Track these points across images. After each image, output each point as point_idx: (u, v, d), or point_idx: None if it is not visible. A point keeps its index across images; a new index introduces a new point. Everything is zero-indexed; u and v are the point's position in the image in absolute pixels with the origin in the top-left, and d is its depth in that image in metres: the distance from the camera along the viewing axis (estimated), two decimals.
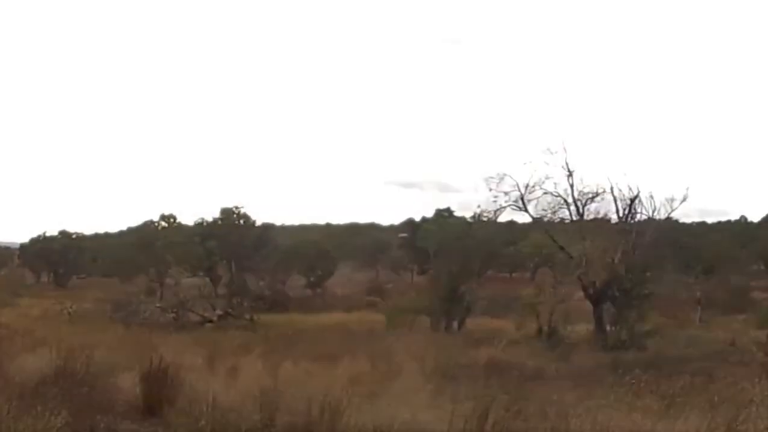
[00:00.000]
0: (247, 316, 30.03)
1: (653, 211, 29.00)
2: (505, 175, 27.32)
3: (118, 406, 8.61)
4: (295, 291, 46.89)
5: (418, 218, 53.42)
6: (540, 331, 27.92)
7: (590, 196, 26.89)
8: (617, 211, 27.58)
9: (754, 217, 56.24)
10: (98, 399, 8.63)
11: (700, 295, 36.64)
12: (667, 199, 29.02)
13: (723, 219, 59.38)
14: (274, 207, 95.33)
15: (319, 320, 31.29)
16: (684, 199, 29.02)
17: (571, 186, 27.01)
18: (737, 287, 40.97)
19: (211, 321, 29.51)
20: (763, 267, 50.91)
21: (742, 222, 55.92)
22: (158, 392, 8.56)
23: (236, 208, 48.94)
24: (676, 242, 39.82)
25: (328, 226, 62.27)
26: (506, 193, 27.30)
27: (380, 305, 35.42)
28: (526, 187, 27.01)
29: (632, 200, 27.07)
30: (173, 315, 29.01)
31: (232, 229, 47.91)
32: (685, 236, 40.94)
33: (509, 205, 27.53)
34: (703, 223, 54.29)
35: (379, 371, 15.10)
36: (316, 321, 30.53)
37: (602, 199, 27.42)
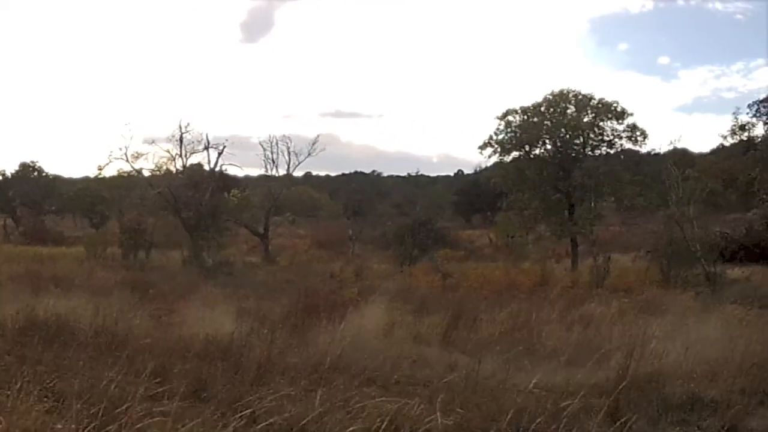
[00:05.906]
0: None
1: (288, 166, 42.29)
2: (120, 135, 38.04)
3: None
4: (86, 230, 59.45)
5: None
6: (184, 259, 40.57)
7: (192, 151, 37.87)
8: (208, 163, 39.34)
9: None
10: None
11: (351, 233, 50.03)
12: (295, 153, 42.07)
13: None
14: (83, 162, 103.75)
15: (49, 252, 43.07)
16: (302, 162, 42.51)
17: (180, 142, 37.65)
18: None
19: None
20: (460, 216, 65.29)
21: (460, 175, 71.22)
22: None
23: (32, 162, 61.25)
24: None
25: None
26: (120, 149, 37.56)
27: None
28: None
29: (219, 153, 38.94)
30: None
31: (26, 180, 59.72)
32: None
33: (117, 159, 38.14)
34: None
35: None
36: (42, 251, 42.33)
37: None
